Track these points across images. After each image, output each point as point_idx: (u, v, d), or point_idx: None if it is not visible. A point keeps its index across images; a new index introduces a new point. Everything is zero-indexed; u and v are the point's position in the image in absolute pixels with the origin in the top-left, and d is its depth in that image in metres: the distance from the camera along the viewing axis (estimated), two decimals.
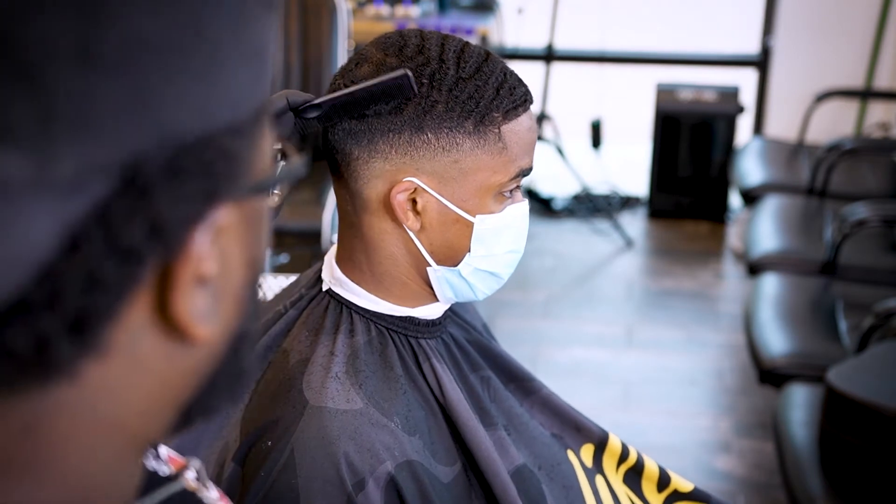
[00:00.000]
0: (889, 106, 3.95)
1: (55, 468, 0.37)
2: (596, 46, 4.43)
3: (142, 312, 0.36)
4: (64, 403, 0.36)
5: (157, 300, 0.37)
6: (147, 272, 0.35)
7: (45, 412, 0.36)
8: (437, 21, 3.77)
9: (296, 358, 0.88)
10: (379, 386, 0.86)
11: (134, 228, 0.34)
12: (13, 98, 0.31)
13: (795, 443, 1.91)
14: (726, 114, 4.04)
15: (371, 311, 0.91)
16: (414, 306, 0.92)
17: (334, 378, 0.85)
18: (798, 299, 2.46)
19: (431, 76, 0.84)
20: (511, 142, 0.87)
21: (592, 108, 4.51)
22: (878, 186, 3.23)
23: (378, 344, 0.89)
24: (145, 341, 0.37)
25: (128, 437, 0.40)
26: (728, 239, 4.00)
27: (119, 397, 0.38)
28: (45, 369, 0.34)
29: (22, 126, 0.31)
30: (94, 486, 0.39)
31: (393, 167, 0.85)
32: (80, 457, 0.38)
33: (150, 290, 0.36)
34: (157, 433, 0.42)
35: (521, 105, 0.87)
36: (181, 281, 0.36)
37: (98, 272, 0.34)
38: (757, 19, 4.21)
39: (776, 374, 2.19)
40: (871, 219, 2.53)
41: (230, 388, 0.44)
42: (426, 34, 0.88)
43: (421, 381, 0.90)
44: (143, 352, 0.37)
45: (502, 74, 0.87)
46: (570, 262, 3.82)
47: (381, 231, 0.88)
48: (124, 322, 0.36)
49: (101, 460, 0.39)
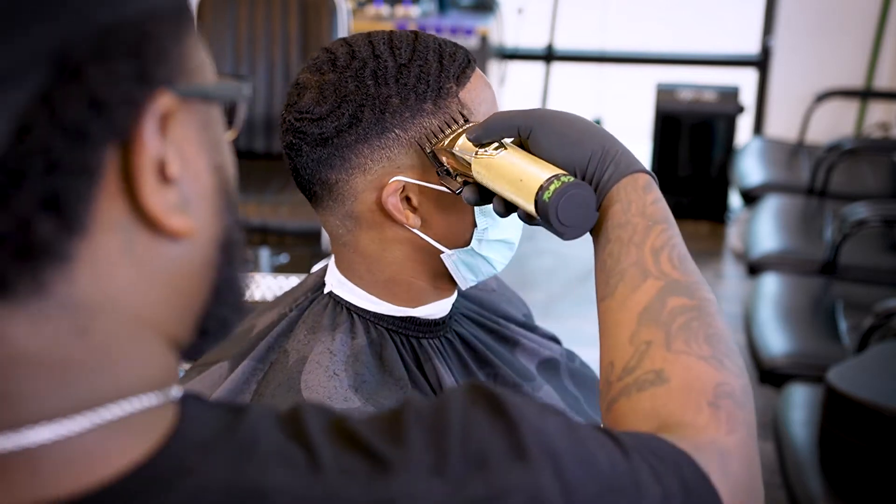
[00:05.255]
0: (889, 106, 3.95)
1: (107, 366, 0.42)
2: (596, 46, 4.43)
3: (118, 202, 0.41)
4: (88, 300, 0.41)
5: (126, 189, 0.41)
6: (106, 155, 0.40)
7: (72, 308, 0.40)
8: (437, 21, 3.78)
9: (294, 357, 0.88)
10: (378, 388, 0.86)
11: (76, 108, 0.38)
12: None
13: (795, 443, 1.91)
14: (726, 114, 4.04)
15: (372, 313, 0.90)
16: (416, 306, 0.91)
17: (333, 376, 0.85)
18: (798, 299, 2.46)
19: (374, 74, 0.83)
20: (474, 104, 0.86)
21: (592, 108, 4.51)
22: (878, 186, 3.23)
23: (378, 346, 0.89)
24: (134, 235, 0.42)
25: (158, 333, 0.45)
26: (728, 239, 4.00)
27: (134, 292, 0.43)
28: (34, 250, 0.38)
29: None
30: (143, 376, 0.44)
31: (374, 176, 0.84)
32: (124, 354, 0.43)
33: (118, 178, 0.41)
34: (182, 335, 0.47)
35: (467, 66, 0.87)
36: (141, 170, 0.41)
37: (53, 152, 0.38)
38: (757, 19, 4.21)
39: (776, 374, 2.19)
40: (871, 219, 2.53)
41: (232, 295, 0.49)
42: (350, 39, 0.87)
43: (422, 382, 0.89)
44: (135, 245, 0.42)
45: (437, 45, 0.86)
46: (570, 262, 3.82)
47: (382, 242, 0.88)
48: (102, 206, 0.40)
49: (144, 354, 0.44)
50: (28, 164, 0.37)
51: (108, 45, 0.39)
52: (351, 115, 0.82)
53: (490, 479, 0.45)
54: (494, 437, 0.47)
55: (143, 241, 0.43)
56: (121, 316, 0.43)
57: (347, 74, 0.83)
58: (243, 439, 0.44)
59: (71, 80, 0.38)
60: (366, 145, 0.83)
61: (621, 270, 0.72)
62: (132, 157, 0.41)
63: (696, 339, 0.67)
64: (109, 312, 0.42)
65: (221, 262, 0.47)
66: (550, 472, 0.46)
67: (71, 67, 0.38)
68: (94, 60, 0.39)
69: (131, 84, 0.40)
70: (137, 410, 0.43)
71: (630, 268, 0.72)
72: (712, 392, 0.64)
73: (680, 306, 0.69)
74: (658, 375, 0.65)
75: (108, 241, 0.41)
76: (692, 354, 0.66)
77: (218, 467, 0.43)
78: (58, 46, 0.38)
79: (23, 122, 0.37)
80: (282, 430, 0.46)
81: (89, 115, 0.39)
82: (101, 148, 0.40)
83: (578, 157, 0.77)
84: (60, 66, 0.38)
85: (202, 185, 0.45)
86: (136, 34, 0.41)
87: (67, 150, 0.38)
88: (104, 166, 0.40)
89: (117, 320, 0.43)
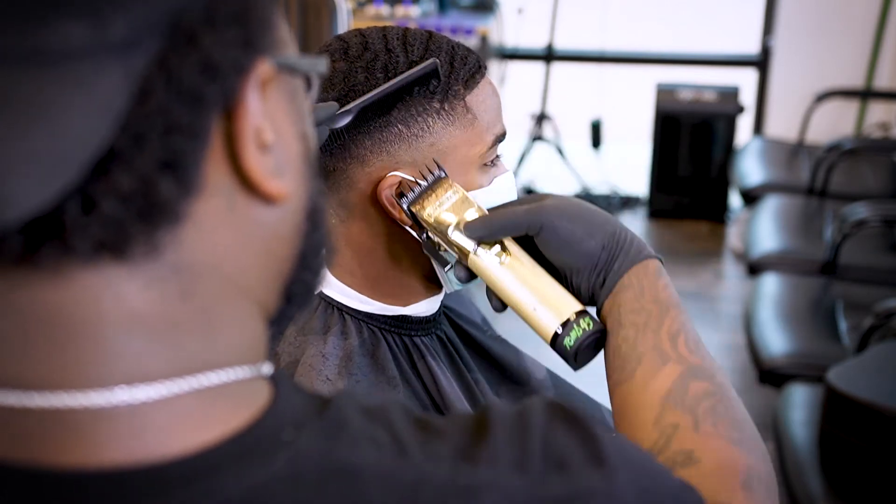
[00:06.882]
0: (889, 106, 3.95)
1: (207, 331, 0.44)
2: (596, 46, 4.43)
3: (222, 165, 0.43)
4: (194, 263, 0.42)
5: (230, 154, 0.43)
6: (214, 119, 0.42)
7: (180, 270, 0.42)
8: (436, 21, 3.77)
9: (286, 360, 0.87)
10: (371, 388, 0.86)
11: (191, 72, 0.40)
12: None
13: (795, 443, 1.91)
14: (726, 114, 4.04)
15: (363, 312, 0.90)
16: (407, 304, 0.91)
17: (325, 381, 0.84)
18: (798, 299, 2.46)
19: (385, 68, 0.83)
20: (479, 111, 0.86)
21: (592, 108, 4.51)
22: (878, 186, 3.23)
23: (371, 345, 0.88)
24: (235, 198, 0.44)
25: (251, 300, 0.46)
26: (728, 239, 4.00)
27: (233, 256, 0.44)
28: (155, 209, 0.40)
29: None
30: (239, 346, 0.46)
31: (372, 168, 0.84)
32: (223, 320, 0.45)
33: (223, 143, 0.42)
34: (271, 303, 0.48)
35: (477, 72, 0.87)
36: (244, 135, 0.43)
37: (171, 115, 0.40)
38: (757, 19, 4.21)
39: (776, 374, 2.19)
40: (871, 219, 2.53)
41: (316, 261, 0.51)
42: (365, 31, 0.87)
43: (415, 380, 0.89)
44: (235, 209, 0.44)
45: (450, 47, 0.86)
46: None
47: (374, 235, 0.87)
48: (210, 169, 0.42)
49: (240, 321, 0.46)
50: (148, 127, 0.39)
51: (218, 11, 0.41)
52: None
53: (570, 480, 0.46)
54: (574, 445, 0.48)
55: (242, 205, 0.44)
56: (221, 280, 0.44)
57: (358, 65, 0.83)
58: (333, 419, 0.46)
59: (186, 45, 0.40)
60: (367, 137, 0.83)
61: (639, 355, 0.74)
62: (237, 122, 0.43)
63: (723, 422, 0.69)
64: (211, 276, 0.44)
65: (308, 228, 0.49)
66: (628, 479, 0.48)
67: (186, 33, 0.40)
68: (205, 27, 0.41)
69: (238, 50, 0.42)
70: (233, 381, 0.45)
71: (648, 352, 0.74)
72: (744, 475, 0.66)
73: (703, 390, 0.71)
74: (688, 456, 0.67)
75: (213, 204, 0.43)
76: (721, 437, 0.68)
77: (312, 443, 0.44)
78: (173, 13, 0.40)
79: (143, 86, 0.39)
80: (366, 417, 0.47)
81: (203, 80, 0.40)
82: (212, 112, 0.42)
83: (589, 252, 0.79)
84: (176, 33, 0.40)
85: (292, 153, 0.47)
86: (241, 2, 0.42)
87: (184, 113, 0.40)
88: (213, 130, 0.42)
89: (218, 285, 0.44)
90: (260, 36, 0.44)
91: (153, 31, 0.39)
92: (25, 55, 0.37)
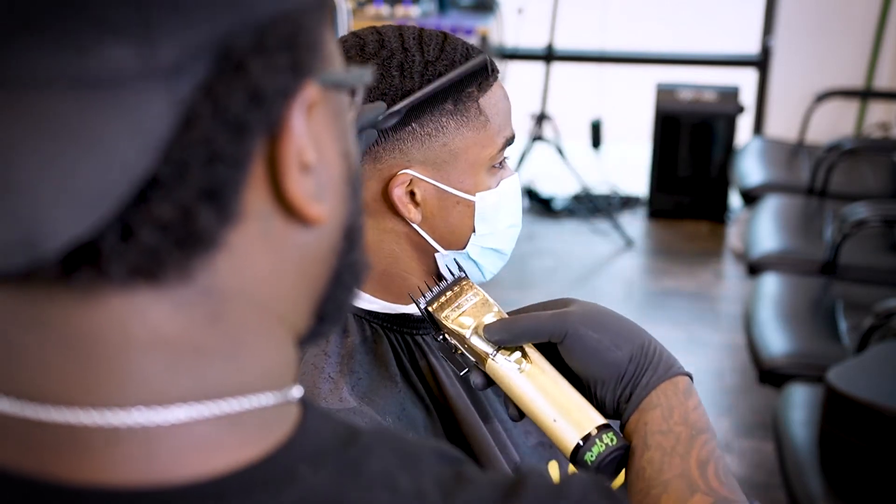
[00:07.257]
0: (889, 106, 3.95)
1: (233, 356, 0.43)
2: (596, 46, 4.43)
3: (262, 191, 0.42)
4: (225, 287, 0.41)
5: (271, 179, 0.42)
6: (257, 146, 0.40)
7: (211, 295, 0.41)
8: (436, 21, 3.78)
9: None
10: (373, 386, 0.86)
11: (238, 100, 0.39)
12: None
13: (795, 443, 1.91)
14: (726, 114, 4.04)
15: (365, 311, 0.90)
16: (410, 303, 0.91)
17: (327, 378, 0.85)
18: (798, 299, 2.46)
19: (400, 66, 0.84)
20: (492, 113, 0.87)
21: (592, 108, 4.52)
22: (878, 186, 3.23)
23: (373, 343, 0.89)
24: (272, 222, 0.42)
25: (282, 324, 0.45)
26: (728, 239, 4.00)
27: (265, 280, 0.43)
28: (193, 238, 0.39)
29: (124, 22, 0.36)
30: (267, 371, 0.45)
31: (384, 165, 0.85)
32: (251, 345, 0.43)
33: (264, 168, 0.41)
34: (302, 325, 0.47)
35: (490, 75, 0.88)
36: (287, 160, 0.41)
37: (215, 143, 0.38)
38: (757, 19, 4.22)
39: (776, 374, 2.19)
40: (871, 219, 2.53)
41: (352, 279, 0.50)
42: (381, 29, 0.87)
43: (416, 378, 0.89)
44: (271, 233, 0.43)
45: (465, 49, 0.87)
46: (570, 262, 3.82)
47: (381, 231, 0.88)
48: (250, 196, 0.41)
49: (269, 346, 0.45)
50: (192, 155, 0.38)
51: (268, 37, 0.40)
52: (371, 102, 0.82)
53: None
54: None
55: (278, 229, 0.43)
56: (251, 304, 0.43)
57: (374, 62, 0.84)
58: (355, 458, 0.45)
59: (234, 72, 0.39)
60: (381, 135, 0.84)
61: (665, 482, 0.70)
62: (280, 147, 0.41)
63: None
64: (241, 301, 0.43)
65: (345, 247, 0.48)
66: None
67: (234, 60, 0.39)
68: (254, 53, 0.39)
69: (287, 76, 0.41)
70: (256, 408, 0.43)
71: (675, 479, 0.70)
72: None
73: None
74: None
75: (250, 229, 0.42)
76: None
77: (324, 481, 0.43)
78: (221, 40, 0.38)
79: (188, 114, 0.38)
80: (397, 458, 0.46)
81: (249, 108, 0.39)
82: (256, 139, 0.40)
83: (615, 363, 0.75)
84: (224, 59, 0.38)
85: (333, 173, 0.46)
86: (292, 26, 0.41)
87: (228, 141, 0.39)
88: (255, 155, 0.41)
89: (248, 309, 0.43)
90: (309, 59, 0.42)
91: (201, 56, 0.38)
92: (71, 80, 0.36)
